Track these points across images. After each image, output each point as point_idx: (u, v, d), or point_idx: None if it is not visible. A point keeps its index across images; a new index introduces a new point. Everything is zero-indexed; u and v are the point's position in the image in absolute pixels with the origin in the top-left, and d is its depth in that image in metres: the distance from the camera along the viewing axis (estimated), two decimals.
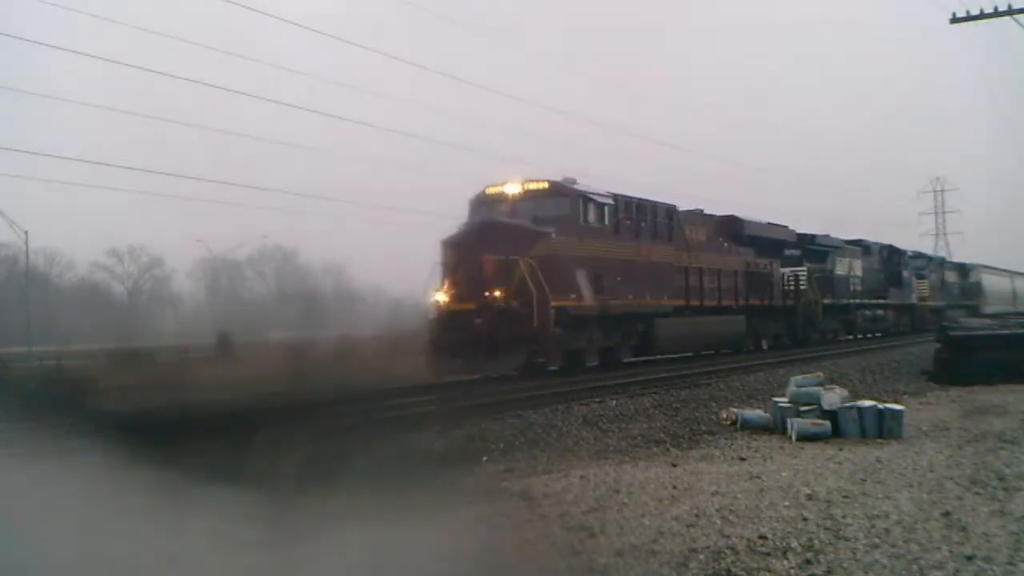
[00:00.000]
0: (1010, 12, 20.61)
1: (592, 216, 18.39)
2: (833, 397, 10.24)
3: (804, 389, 10.66)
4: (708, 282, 22.81)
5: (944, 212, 76.86)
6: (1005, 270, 60.41)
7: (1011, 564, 5.12)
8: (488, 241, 16.77)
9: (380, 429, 10.13)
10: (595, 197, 18.49)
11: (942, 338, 17.56)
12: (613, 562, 5.21)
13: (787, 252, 28.33)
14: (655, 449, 9.45)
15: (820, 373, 12.48)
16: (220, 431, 8.67)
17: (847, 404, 10.20)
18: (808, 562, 5.16)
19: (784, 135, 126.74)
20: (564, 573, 5.12)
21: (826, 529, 5.88)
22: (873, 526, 5.95)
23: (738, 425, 10.80)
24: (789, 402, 10.58)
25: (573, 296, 17.29)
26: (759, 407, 12.09)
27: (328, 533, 5.80)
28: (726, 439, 10.05)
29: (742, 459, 8.67)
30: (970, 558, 5.19)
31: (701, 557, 5.27)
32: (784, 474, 7.82)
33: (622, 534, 5.82)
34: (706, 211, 24.37)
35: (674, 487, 7.28)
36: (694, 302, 22.08)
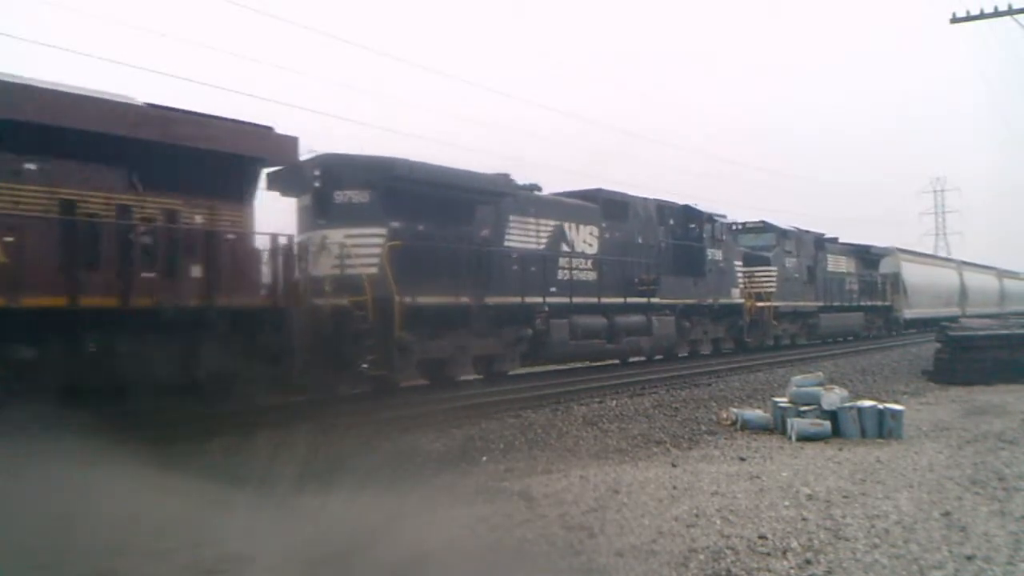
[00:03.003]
0: (1010, 12, 20.60)
1: None
2: (833, 397, 10.24)
3: (804, 389, 10.66)
4: None
5: (944, 212, 76.74)
6: (949, 259, 49.44)
7: (1011, 564, 5.12)
8: None
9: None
10: None
11: (942, 338, 17.57)
12: (613, 562, 5.21)
13: (341, 196, 13.80)
14: (655, 449, 9.45)
15: (820, 373, 12.50)
16: None
17: (847, 404, 10.20)
18: (808, 562, 5.16)
19: (785, 136, 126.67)
20: (564, 573, 5.12)
21: (826, 529, 5.88)
22: (873, 526, 5.95)
23: (738, 425, 10.81)
24: (789, 402, 10.58)
25: None
26: (759, 407, 12.09)
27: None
28: (726, 439, 10.05)
29: (742, 459, 8.67)
30: (970, 558, 5.19)
31: (701, 557, 5.27)
32: (784, 474, 7.82)
33: (622, 534, 5.82)
34: None
35: (674, 487, 7.28)
36: None
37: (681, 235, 21.75)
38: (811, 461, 8.49)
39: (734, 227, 25.95)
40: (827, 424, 9.97)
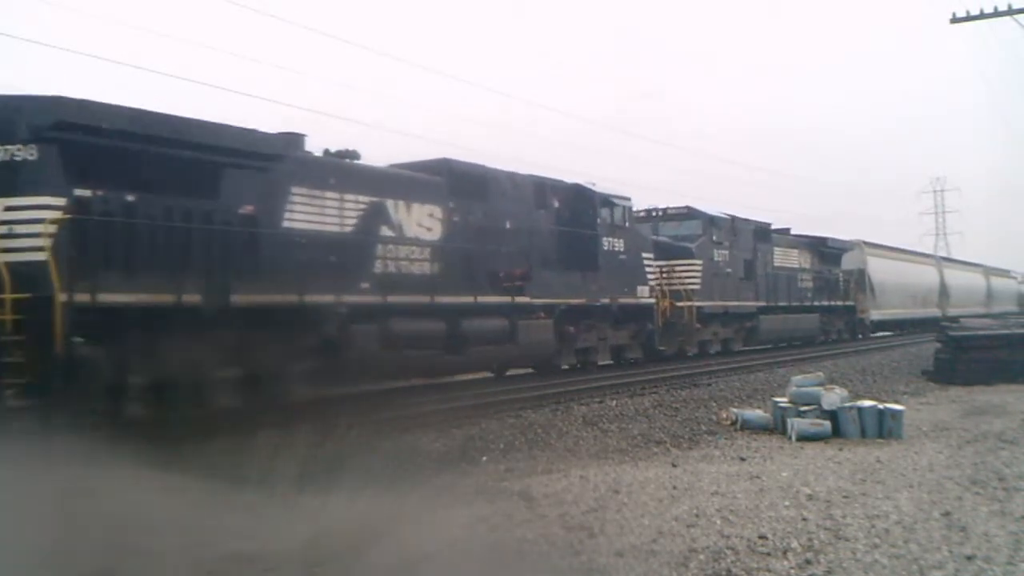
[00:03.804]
0: (1010, 12, 20.62)
1: None
2: (833, 397, 10.25)
3: (804, 389, 10.67)
4: None
5: (944, 212, 76.68)
6: (927, 255, 44.58)
7: (1011, 564, 5.12)
8: None
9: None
10: None
11: (942, 338, 17.58)
12: (613, 562, 5.21)
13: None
14: (655, 449, 9.46)
15: (820, 373, 12.50)
16: None
17: (847, 404, 10.21)
18: (808, 562, 5.16)
19: (784, 136, 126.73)
20: (564, 573, 5.12)
21: (826, 529, 5.88)
22: (873, 526, 5.95)
23: (738, 425, 10.81)
24: (789, 402, 10.59)
25: None
26: (759, 407, 12.10)
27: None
28: (726, 439, 10.05)
29: (742, 459, 8.67)
30: (970, 558, 5.19)
31: (701, 557, 5.27)
32: (784, 474, 7.83)
33: (622, 534, 5.82)
34: None
35: (674, 487, 7.29)
36: None
37: (569, 220, 17.41)
38: (811, 461, 8.49)
39: (654, 213, 22.89)
40: (827, 424, 9.97)
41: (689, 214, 22.94)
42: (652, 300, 19.77)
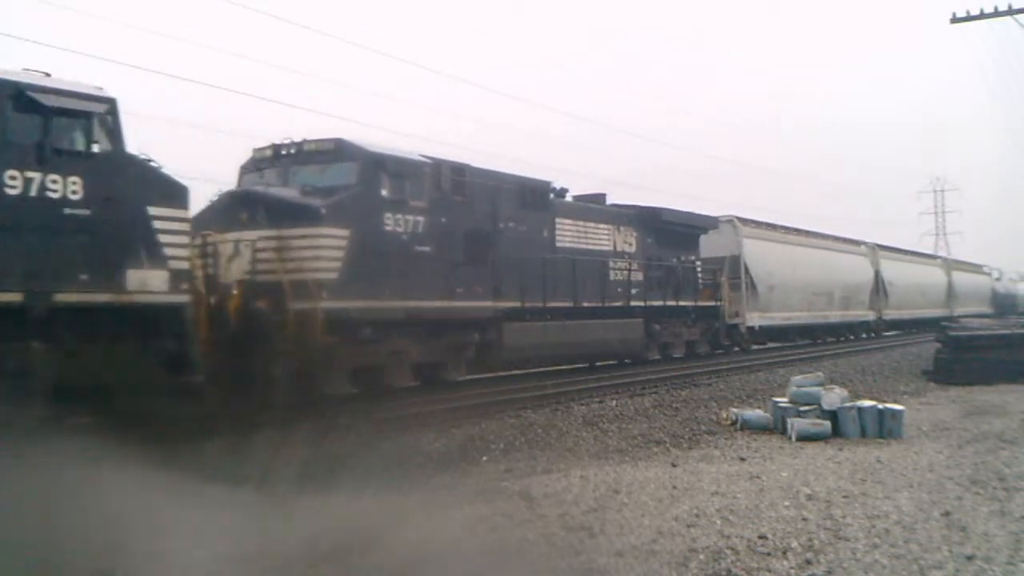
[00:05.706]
0: (1010, 12, 20.63)
1: None
2: (833, 397, 10.25)
3: (804, 389, 10.67)
4: None
5: (944, 212, 76.49)
6: (855, 242, 33.82)
7: (1011, 564, 5.12)
8: None
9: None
10: None
11: (942, 338, 17.60)
12: (613, 562, 5.21)
13: None
14: (655, 449, 9.46)
15: (820, 373, 12.50)
16: None
17: (847, 404, 10.21)
18: (808, 562, 5.16)
19: (784, 136, 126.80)
20: (564, 573, 5.12)
21: (826, 529, 5.88)
22: (873, 526, 5.95)
23: (738, 425, 10.81)
24: (789, 402, 10.59)
25: None
26: (759, 407, 12.10)
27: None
28: (726, 439, 10.05)
29: (742, 459, 8.68)
30: (970, 558, 5.19)
31: (701, 557, 5.27)
32: (784, 474, 7.83)
33: (622, 534, 5.82)
34: None
35: (674, 487, 7.29)
36: None
37: None
38: (811, 461, 8.50)
39: (284, 152, 13.20)
40: (827, 424, 9.97)
41: (338, 153, 13.12)
42: (181, 298, 9.84)
